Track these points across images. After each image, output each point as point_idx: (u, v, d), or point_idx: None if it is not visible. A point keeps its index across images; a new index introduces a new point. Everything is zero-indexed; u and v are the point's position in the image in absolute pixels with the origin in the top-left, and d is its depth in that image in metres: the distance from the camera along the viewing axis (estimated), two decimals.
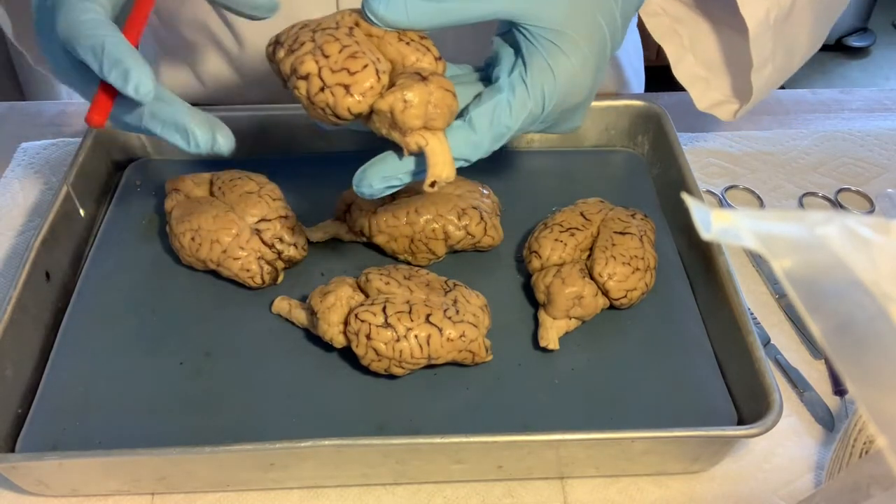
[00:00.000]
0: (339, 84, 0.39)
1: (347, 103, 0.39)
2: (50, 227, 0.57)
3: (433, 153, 0.40)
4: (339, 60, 0.39)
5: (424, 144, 0.40)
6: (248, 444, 0.44)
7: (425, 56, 0.42)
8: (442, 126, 0.41)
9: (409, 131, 0.40)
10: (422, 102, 0.39)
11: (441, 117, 0.40)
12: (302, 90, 0.40)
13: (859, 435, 0.46)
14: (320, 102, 0.40)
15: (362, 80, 0.39)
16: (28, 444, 0.48)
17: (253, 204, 0.56)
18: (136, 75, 0.39)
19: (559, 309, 0.52)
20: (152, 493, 0.49)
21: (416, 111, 0.39)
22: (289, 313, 0.54)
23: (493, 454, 0.47)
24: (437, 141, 0.40)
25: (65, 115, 0.77)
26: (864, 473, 0.37)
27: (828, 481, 0.48)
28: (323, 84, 0.39)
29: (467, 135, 0.42)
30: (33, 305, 0.53)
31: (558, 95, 0.44)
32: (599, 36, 0.45)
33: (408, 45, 0.42)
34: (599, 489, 0.49)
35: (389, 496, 0.49)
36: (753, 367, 0.49)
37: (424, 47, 0.42)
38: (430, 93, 0.39)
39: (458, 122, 0.42)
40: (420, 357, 0.48)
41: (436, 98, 0.40)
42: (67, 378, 0.51)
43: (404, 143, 0.41)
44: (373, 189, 0.43)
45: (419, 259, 0.57)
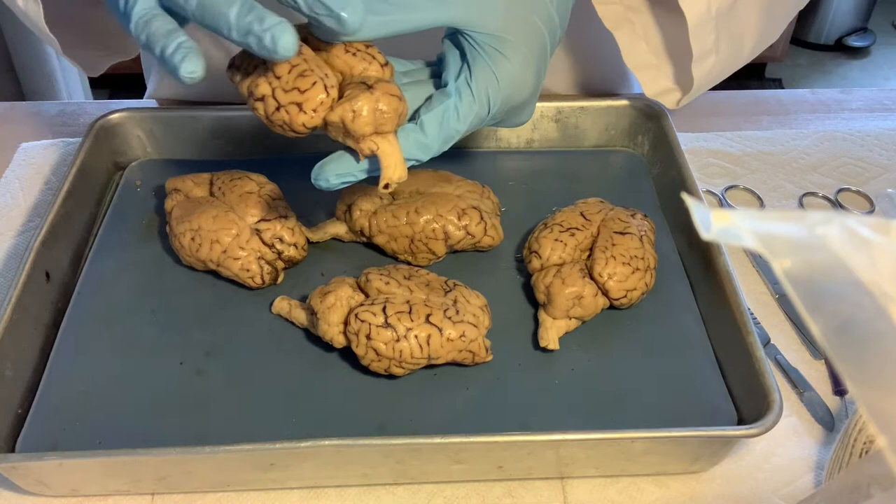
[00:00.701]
0: (292, 102, 0.42)
1: (302, 119, 0.42)
2: (50, 227, 0.57)
3: (385, 156, 0.43)
4: (290, 80, 0.42)
5: (376, 149, 0.43)
6: (248, 444, 0.44)
7: (371, 64, 0.44)
8: (391, 129, 0.43)
9: (361, 138, 0.43)
10: (370, 111, 0.42)
11: (390, 121, 0.43)
12: (260, 111, 0.43)
13: (859, 435, 0.46)
14: (277, 120, 0.43)
15: (313, 97, 0.42)
16: (28, 444, 0.48)
17: (253, 204, 0.56)
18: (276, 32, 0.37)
19: (559, 309, 0.52)
20: (152, 493, 0.49)
21: (365, 119, 0.42)
22: (289, 313, 0.54)
23: (493, 454, 0.47)
24: (387, 144, 0.43)
25: (65, 115, 0.77)
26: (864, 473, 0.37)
27: (828, 481, 0.48)
28: (278, 104, 0.42)
29: (418, 137, 0.45)
30: (33, 305, 0.53)
31: (502, 97, 0.47)
32: (538, 36, 0.47)
33: (354, 56, 0.44)
34: (599, 489, 0.49)
35: (389, 496, 0.49)
36: (753, 367, 0.49)
37: (370, 56, 0.44)
38: (376, 100, 0.42)
39: (409, 125, 0.46)
40: (420, 357, 0.48)
41: (383, 104, 0.42)
42: (67, 378, 0.51)
43: (358, 149, 0.43)
44: (329, 184, 0.46)
45: (419, 259, 0.57)
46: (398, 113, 0.43)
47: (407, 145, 0.45)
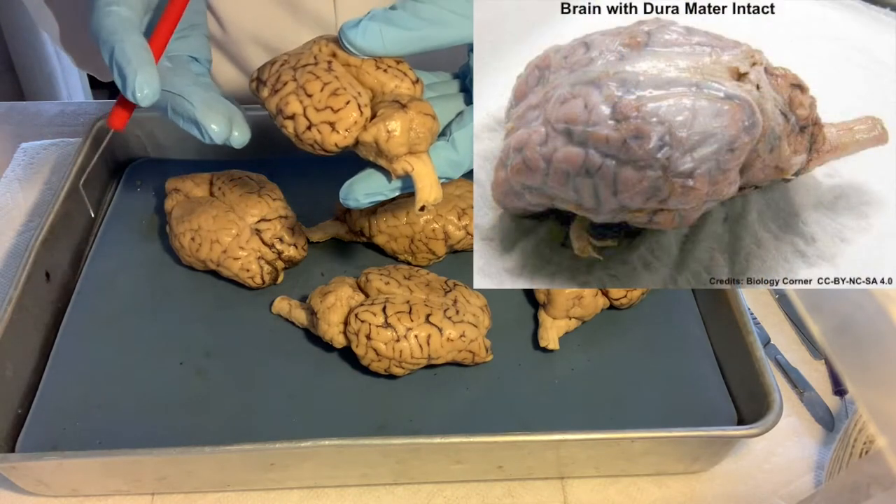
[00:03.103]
0: (324, 122, 0.41)
1: (334, 139, 0.41)
2: (50, 227, 0.57)
3: (420, 178, 0.42)
4: (323, 99, 0.41)
5: (410, 170, 0.42)
6: (248, 444, 0.44)
7: (403, 81, 0.43)
8: (425, 149, 0.42)
9: (395, 158, 0.42)
10: (404, 130, 0.41)
11: (424, 141, 0.42)
12: (290, 129, 0.42)
13: (859, 435, 0.46)
14: (308, 139, 0.42)
15: (346, 117, 0.41)
16: (28, 444, 0.48)
17: (253, 204, 0.56)
18: (133, 80, 0.41)
19: (559, 309, 0.52)
20: (152, 493, 0.49)
21: (400, 139, 0.41)
22: (289, 313, 0.54)
23: (493, 454, 0.47)
24: (422, 165, 0.42)
25: (65, 115, 0.77)
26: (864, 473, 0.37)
27: (828, 481, 0.48)
28: (309, 123, 0.41)
29: (449, 155, 0.44)
30: (33, 305, 0.53)
31: None
32: None
33: (385, 73, 0.43)
34: (599, 489, 0.49)
35: (389, 496, 0.49)
36: (753, 367, 0.49)
37: (402, 72, 0.43)
38: (410, 119, 0.41)
39: (441, 143, 0.44)
40: (420, 357, 0.48)
41: (417, 124, 0.41)
42: (67, 378, 0.51)
43: (392, 169, 0.42)
44: (358, 203, 0.44)
45: (419, 259, 0.57)
46: (431, 132, 0.42)
47: (439, 163, 0.43)
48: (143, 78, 0.41)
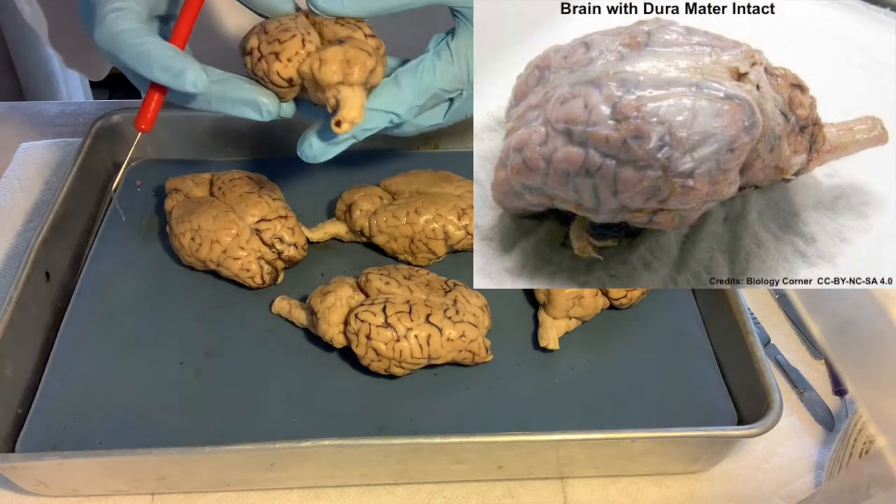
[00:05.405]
0: (271, 52, 0.44)
1: (276, 68, 0.44)
2: (50, 227, 0.57)
3: (345, 100, 0.44)
4: (274, 34, 0.45)
5: (339, 96, 0.44)
6: (248, 444, 0.44)
7: (355, 32, 0.45)
8: (358, 81, 0.44)
9: (328, 87, 0.44)
10: (336, 60, 0.43)
11: (357, 73, 0.44)
12: (248, 64, 0.46)
13: (859, 435, 0.46)
14: (259, 71, 0.45)
15: (289, 48, 0.44)
16: (28, 444, 0.48)
17: (253, 204, 0.56)
18: (189, 74, 0.42)
19: (559, 309, 0.52)
20: (152, 493, 0.49)
21: (332, 67, 0.43)
22: (289, 313, 0.54)
23: (493, 454, 0.47)
24: (350, 91, 0.44)
25: (65, 115, 0.77)
26: (864, 473, 0.37)
27: (828, 481, 0.48)
28: (260, 55, 0.45)
29: (391, 89, 0.46)
30: (33, 305, 0.53)
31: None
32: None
33: (342, 27, 0.46)
34: (599, 489, 0.49)
35: (389, 496, 0.49)
36: (753, 367, 0.49)
37: (357, 26, 0.46)
38: (344, 52, 0.44)
39: (385, 80, 0.46)
40: (420, 357, 0.48)
41: (350, 55, 0.44)
42: (67, 378, 0.51)
43: (326, 100, 0.44)
44: (313, 150, 0.46)
45: (419, 259, 0.57)
46: (365, 65, 0.44)
47: (382, 97, 0.45)
48: (194, 70, 0.42)
